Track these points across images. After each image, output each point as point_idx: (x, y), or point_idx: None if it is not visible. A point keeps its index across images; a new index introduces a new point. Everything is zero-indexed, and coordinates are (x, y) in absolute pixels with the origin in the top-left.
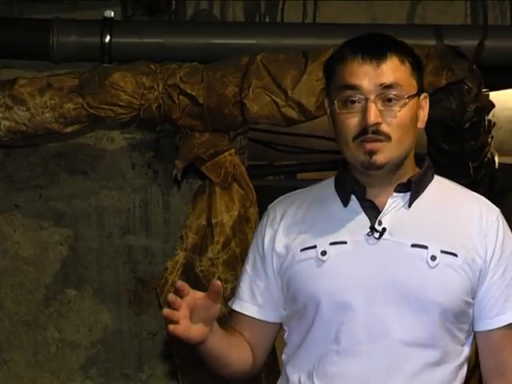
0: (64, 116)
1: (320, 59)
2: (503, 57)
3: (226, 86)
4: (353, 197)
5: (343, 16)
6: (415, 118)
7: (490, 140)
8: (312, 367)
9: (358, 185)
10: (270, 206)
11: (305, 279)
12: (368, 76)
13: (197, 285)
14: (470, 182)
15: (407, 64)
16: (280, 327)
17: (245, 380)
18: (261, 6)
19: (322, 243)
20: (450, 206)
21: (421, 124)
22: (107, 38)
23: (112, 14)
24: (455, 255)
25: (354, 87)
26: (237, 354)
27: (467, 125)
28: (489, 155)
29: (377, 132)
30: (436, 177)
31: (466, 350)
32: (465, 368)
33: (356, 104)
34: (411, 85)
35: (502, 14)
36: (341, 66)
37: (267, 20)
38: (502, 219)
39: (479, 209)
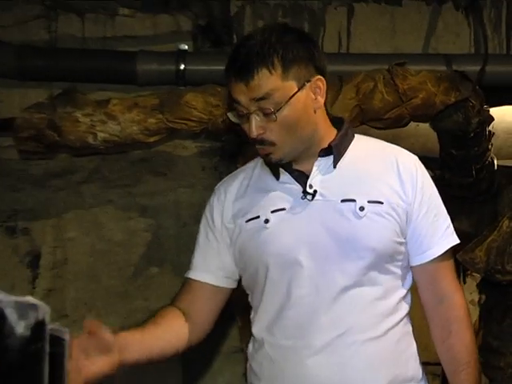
0: (147, 129)
1: (352, 82)
2: (501, 79)
3: None
4: (282, 170)
5: (370, 47)
6: (303, 111)
7: (490, 147)
8: (271, 323)
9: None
10: (217, 186)
11: (253, 246)
12: (243, 93)
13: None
14: (474, 181)
15: (278, 70)
16: (231, 293)
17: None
18: None
19: (264, 212)
20: (371, 160)
21: (317, 105)
22: (182, 66)
23: (185, 46)
24: (381, 203)
25: (237, 102)
26: (166, 342)
27: (471, 134)
28: (489, 159)
29: (262, 142)
30: (356, 136)
31: (407, 283)
32: (408, 298)
33: (244, 117)
34: (287, 88)
35: (499, 45)
36: (228, 82)
37: None
38: (419, 166)
39: (395, 159)
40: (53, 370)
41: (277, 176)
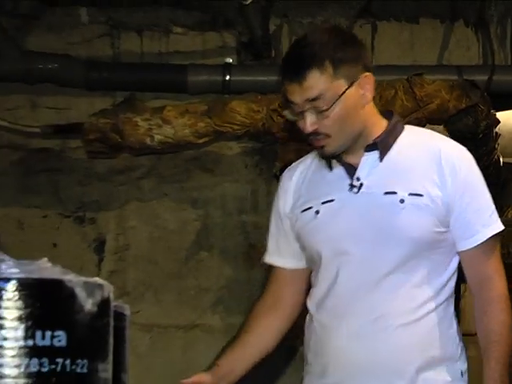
0: (197, 131)
1: (376, 90)
2: (506, 87)
3: None
4: (335, 162)
5: (392, 59)
6: (353, 107)
7: (496, 146)
8: (320, 301)
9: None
10: (283, 173)
11: (306, 234)
12: (297, 93)
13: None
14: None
15: (329, 70)
16: (306, 272)
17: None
18: None
19: (316, 203)
20: (416, 153)
21: (366, 100)
22: (227, 77)
23: (230, 60)
24: (421, 195)
25: (292, 102)
26: (262, 345)
27: (480, 136)
28: (496, 157)
29: (316, 134)
30: (406, 127)
31: (450, 268)
32: (451, 282)
33: (299, 114)
34: (337, 86)
35: (505, 57)
36: (283, 83)
37: None
38: (462, 157)
39: (439, 150)
40: (116, 340)
41: (330, 168)
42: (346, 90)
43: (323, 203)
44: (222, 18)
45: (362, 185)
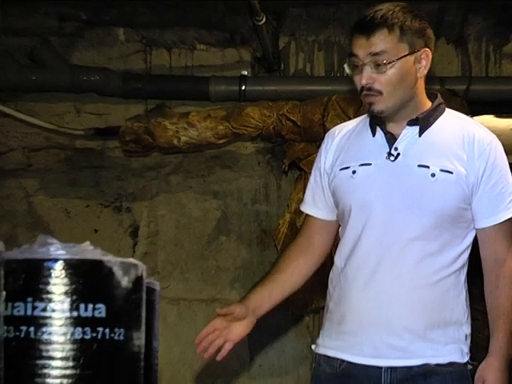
0: (218, 133)
1: None
2: (481, 96)
3: (314, 115)
4: (379, 129)
5: None
6: (409, 72)
7: None
8: (347, 255)
9: (380, 120)
10: (327, 133)
11: (342, 191)
12: (362, 47)
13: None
14: None
15: (397, 32)
16: (336, 225)
17: (319, 268)
18: (334, 66)
19: (354, 165)
20: (452, 135)
21: (420, 73)
22: (243, 87)
23: (246, 72)
24: (451, 173)
25: (355, 55)
26: (290, 285)
27: None
28: None
29: (370, 89)
30: (448, 110)
31: (466, 241)
32: (465, 254)
33: (358, 67)
34: (400, 49)
35: (480, 70)
36: (351, 40)
37: (338, 74)
38: (493, 144)
39: (474, 135)
40: (148, 312)
41: (373, 133)
42: (407, 54)
43: (360, 165)
44: (239, 37)
45: (398, 154)
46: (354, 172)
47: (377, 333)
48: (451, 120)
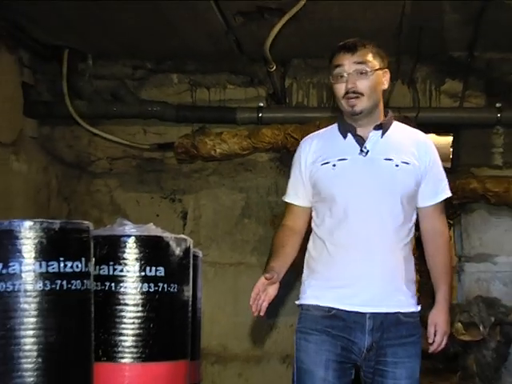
0: (242, 147)
1: None
2: (427, 120)
3: (310, 133)
4: (349, 134)
5: None
6: (380, 83)
7: None
8: (332, 229)
9: (351, 126)
10: (303, 140)
11: (324, 181)
12: (347, 59)
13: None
14: None
15: (371, 54)
16: (310, 210)
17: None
18: (323, 99)
19: (333, 160)
20: (404, 137)
21: (384, 86)
22: (260, 114)
23: (262, 104)
24: (408, 163)
25: (340, 65)
26: (291, 257)
27: None
28: None
29: (354, 92)
30: (394, 121)
31: (414, 217)
32: (413, 228)
33: (342, 78)
34: (375, 64)
35: (425, 102)
36: (334, 58)
37: (326, 106)
38: (432, 144)
39: (418, 138)
40: (194, 272)
41: (344, 137)
42: (380, 68)
43: (339, 160)
44: (257, 79)
45: (368, 151)
46: (334, 165)
47: (363, 286)
48: (400, 127)
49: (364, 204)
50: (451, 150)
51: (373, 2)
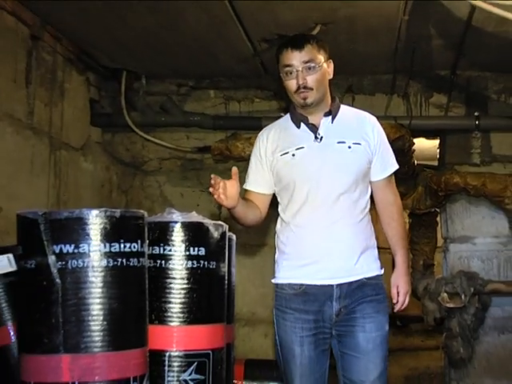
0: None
1: None
2: (419, 127)
3: None
4: (302, 123)
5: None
6: (326, 74)
7: (413, 155)
8: (295, 213)
9: (303, 116)
10: (260, 133)
11: (286, 170)
12: (296, 57)
13: None
14: (406, 170)
15: (316, 47)
16: (270, 197)
17: (255, 226)
18: None
19: (291, 149)
20: (353, 119)
21: (330, 76)
22: None
23: (282, 114)
24: (360, 144)
25: (290, 65)
26: (251, 212)
27: (406, 150)
28: (412, 160)
29: (305, 87)
30: (342, 105)
31: (369, 191)
32: (369, 202)
33: (292, 74)
34: (320, 58)
35: (417, 112)
36: (282, 55)
37: None
38: (378, 123)
39: (366, 118)
40: (229, 251)
41: (298, 126)
42: (325, 61)
43: (297, 149)
44: (279, 94)
45: (322, 137)
46: (293, 155)
47: (329, 260)
48: (347, 110)
49: (323, 186)
50: (438, 150)
51: (374, 30)
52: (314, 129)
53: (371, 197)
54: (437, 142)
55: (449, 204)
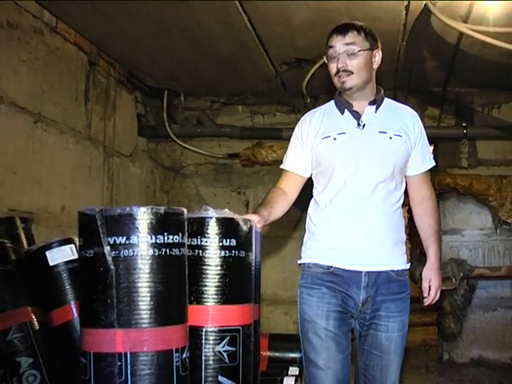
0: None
1: None
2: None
3: None
4: (346, 110)
5: None
6: (370, 61)
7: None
8: (332, 197)
9: (348, 103)
10: (303, 117)
11: (326, 153)
12: (338, 41)
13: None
14: None
15: (362, 35)
16: (304, 181)
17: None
18: None
19: (333, 134)
20: (396, 110)
21: (375, 65)
22: None
23: None
24: (401, 136)
25: (333, 47)
26: (279, 210)
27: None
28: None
29: (344, 70)
30: (386, 98)
31: (404, 185)
32: (403, 195)
33: (334, 58)
34: (365, 44)
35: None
36: (328, 40)
37: None
38: (419, 118)
39: (408, 111)
40: (256, 242)
41: (342, 112)
42: (369, 48)
43: (338, 134)
44: (297, 109)
45: (364, 125)
46: (334, 139)
47: (359, 247)
48: (391, 102)
49: (361, 174)
50: (432, 156)
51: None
52: (357, 116)
53: (405, 192)
54: (431, 148)
55: (441, 201)
